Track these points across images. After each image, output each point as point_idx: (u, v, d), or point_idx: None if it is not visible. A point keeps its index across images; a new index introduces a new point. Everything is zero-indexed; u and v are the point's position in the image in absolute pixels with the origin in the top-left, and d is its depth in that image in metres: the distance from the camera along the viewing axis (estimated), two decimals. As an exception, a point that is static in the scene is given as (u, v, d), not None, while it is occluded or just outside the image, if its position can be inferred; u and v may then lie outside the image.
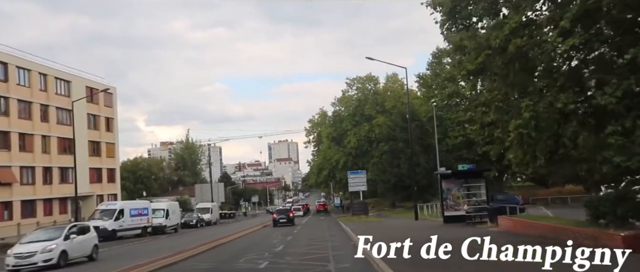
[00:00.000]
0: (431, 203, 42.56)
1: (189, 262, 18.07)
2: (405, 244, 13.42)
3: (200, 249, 22.05)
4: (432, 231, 21.17)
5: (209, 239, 28.68)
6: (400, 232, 22.22)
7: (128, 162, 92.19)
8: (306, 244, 22.60)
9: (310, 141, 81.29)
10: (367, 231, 24.17)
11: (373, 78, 70.26)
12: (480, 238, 14.21)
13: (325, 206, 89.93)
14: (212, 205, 56.95)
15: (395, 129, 49.34)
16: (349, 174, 46.95)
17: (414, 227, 25.86)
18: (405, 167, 46.91)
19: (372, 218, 40.46)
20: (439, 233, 16.07)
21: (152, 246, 27.96)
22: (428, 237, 13.54)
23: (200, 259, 18.71)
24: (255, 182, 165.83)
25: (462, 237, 14.10)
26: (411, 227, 26.35)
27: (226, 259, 18.29)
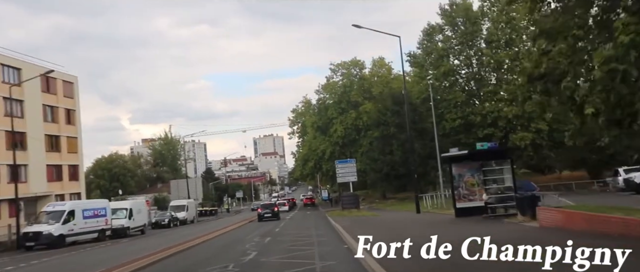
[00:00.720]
0: (430, 193, 37.61)
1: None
2: (421, 248, 8.81)
3: (150, 259, 16.73)
4: (448, 228, 16.16)
5: (173, 243, 23.59)
6: (406, 230, 17.10)
7: (103, 159, 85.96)
8: (286, 249, 17.40)
9: (295, 132, 76.10)
10: (364, 229, 19.06)
11: (358, 62, 65.14)
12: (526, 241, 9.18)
13: (312, 200, 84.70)
14: (188, 202, 51.42)
15: (386, 113, 44.15)
16: (336, 164, 41.82)
17: (422, 223, 20.75)
18: (399, 155, 41.92)
19: (364, 212, 35.35)
20: (461, 231, 11.24)
21: (97, 255, 22.47)
22: (450, 236, 9.93)
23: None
24: (240, 178, 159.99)
25: (505, 238, 9.27)
26: (417, 223, 21.24)
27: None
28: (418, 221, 22.50)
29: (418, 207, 27.52)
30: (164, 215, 45.84)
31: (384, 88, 62.45)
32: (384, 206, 45.72)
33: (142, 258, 16.85)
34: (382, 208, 42.39)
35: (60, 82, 46.33)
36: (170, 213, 46.97)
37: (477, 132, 40.21)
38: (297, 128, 76.14)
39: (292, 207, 76.81)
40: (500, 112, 39.21)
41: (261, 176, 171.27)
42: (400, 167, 41.95)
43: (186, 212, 49.41)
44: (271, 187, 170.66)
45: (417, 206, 27.65)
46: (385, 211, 37.82)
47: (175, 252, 19.16)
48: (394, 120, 42.71)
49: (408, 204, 40.59)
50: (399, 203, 46.30)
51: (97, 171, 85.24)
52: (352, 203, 39.30)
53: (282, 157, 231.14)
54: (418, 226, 18.62)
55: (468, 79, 42.78)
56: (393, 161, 42.16)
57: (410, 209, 32.34)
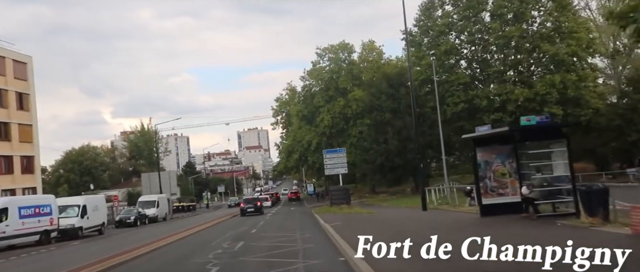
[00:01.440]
0: (431, 187, 32.75)
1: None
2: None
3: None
4: (485, 232, 11.22)
5: (124, 249, 18.62)
6: (421, 234, 12.18)
7: (73, 151, 79.87)
8: (261, 263, 12.45)
9: (278, 122, 70.96)
10: (363, 232, 14.00)
11: (347, 46, 60.04)
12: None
13: (297, 194, 79.76)
14: (159, 197, 46.04)
15: (380, 97, 39.04)
16: (324, 154, 36.80)
17: (439, 225, 15.77)
18: (395, 143, 36.99)
19: (357, 208, 30.37)
20: (509, 238, 6.74)
21: (12, 268, 17.25)
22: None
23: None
24: (223, 172, 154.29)
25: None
26: (433, 224, 16.17)
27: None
28: (431, 221, 17.52)
29: (425, 203, 22.53)
30: (130, 212, 40.46)
31: (375, 73, 57.70)
32: (377, 201, 40.87)
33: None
34: (376, 204, 37.55)
35: (11, 62, 40.55)
36: (138, 210, 41.59)
37: (482, 118, 35.49)
38: (281, 118, 71.06)
39: (276, 202, 71.81)
40: (510, 95, 34.48)
41: (244, 170, 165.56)
42: (396, 158, 37.09)
43: (157, 209, 44.09)
44: (255, 181, 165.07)
45: (424, 202, 22.64)
46: (381, 207, 32.96)
47: (119, 262, 14.09)
48: (390, 105, 37.75)
49: (406, 199, 35.84)
50: (394, 198, 41.56)
51: (67, 164, 79.27)
52: (342, 198, 34.29)
53: (267, 151, 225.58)
54: (436, 229, 13.70)
55: (472, 59, 37.74)
56: (388, 150, 37.20)
57: (412, 205, 27.59)
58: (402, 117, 37.40)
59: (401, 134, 37.42)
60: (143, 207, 43.64)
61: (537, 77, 36.02)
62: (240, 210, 41.44)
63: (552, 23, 35.15)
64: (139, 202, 45.56)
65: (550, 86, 33.21)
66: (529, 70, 36.76)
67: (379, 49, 59.42)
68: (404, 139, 37.29)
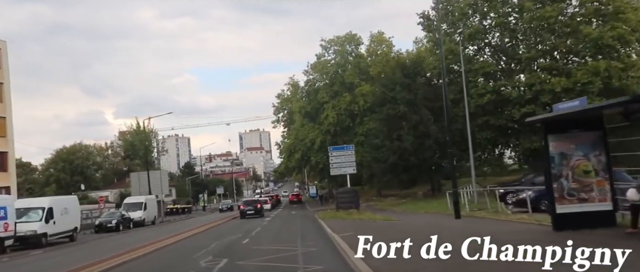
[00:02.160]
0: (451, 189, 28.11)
1: None
2: None
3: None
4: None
5: (74, 266, 14.29)
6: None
7: (64, 149, 75.42)
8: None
9: (280, 120, 66.34)
10: (390, 248, 9.35)
11: (354, 37, 55.50)
12: None
13: (299, 197, 75.11)
14: (147, 199, 41.46)
15: (394, 88, 34.37)
16: (330, 151, 32.34)
17: (502, 241, 11.15)
18: (410, 140, 32.34)
19: (368, 214, 25.74)
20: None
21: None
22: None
23: None
24: (223, 173, 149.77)
25: None
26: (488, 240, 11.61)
27: None
28: (479, 235, 12.85)
29: (457, 209, 17.79)
30: (113, 215, 35.88)
31: (384, 68, 53.12)
32: (388, 205, 36.25)
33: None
34: (387, 208, 32.94)
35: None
36: (122, 213, 37.05)
37: (512, 112, 30.90)
38: (283, 116, 66.46)
39: (276, 205, 67.19)
40: (544, 85, 29.78)
41: (244, 172, 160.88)
42: (411, 157, 32.46)
43: (143, 212, 39.51)
44: (256, 183, 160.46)
45: (457, 208, 17.87)
46: (394, 212, 28.35)
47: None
48: (405, 97, 33.10)
49: (421, 204, 31.19)
50: (404, 202, 36.95)
51: (57, 163, 74.86)
52: (350, 201, 29.77)
53: (268, 152, 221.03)
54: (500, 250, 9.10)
55: (498, 45, 32.85)
56: (402, 148, 32.53)
57: (432, 210, 23.10)
58: (418, 111, 32.82)
59: (417, 129, 32.80)
60: (128, 209, 39.11)
61: (574, 64, 31.23)
62: (239, 212, 40.29)
63: (595, 2, 30.37)
64: (124, 204, 41.03)
65: (593, 74, 28.60)
66: (567, 57, 31.98)
67: (388, 41, 54.87)
68: (421, 135, 32.63)
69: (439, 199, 32.86)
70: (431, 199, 35.06)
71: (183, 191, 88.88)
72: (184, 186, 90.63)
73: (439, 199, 32.87)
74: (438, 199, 32.96)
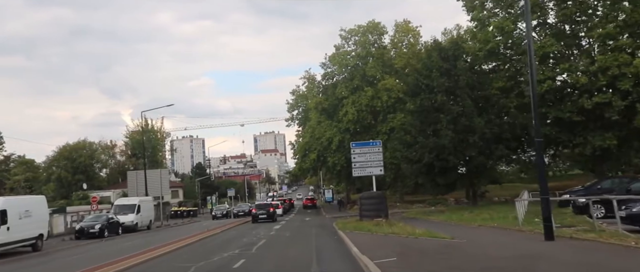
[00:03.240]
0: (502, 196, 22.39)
1: None
2: None
3: None
4: None
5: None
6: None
7: (66, 146, 70.70)
8: None
9: (294, 118, 60.79)
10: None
11: (377, 27, 49.66)
12: None
13: (313, 201, 69.37)
14: (141, 201, 36.14)
15: (430, 74, 28.32)
16: (353, 148, 26.67)
17: None
18: (449, 136, 26.37)
19: (404, 227, 19.86)
20: None
21: None
22: None
23: None
24: (236, 175, 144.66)
25: None
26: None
27: None
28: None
29: (550, 226, 11.66)
30: (98, 219, 30.49)
31: (410, 61, 47.30)
32: (419, 214, 30.28)
33: None
34: (421, 218, 27.01)
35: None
36: (110, 216, 31.70)
37: (579, 101, 24.84)
38: (298, 114, 60.92)
39: (289, 210, 61.59)
40: (624, 68, 23.56)
41: (258, 174, 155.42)
42: (450, 156, 26.51)
43: (136, 215, 34.14)
44: (269, 185, 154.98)
45: (549, 225, 11.71)
46: (434, 223, 22.42)
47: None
48: (444, 84, 27.15)
49: (460, 213, 25.29)
50: (433, 210, 31.12)
51: (59, 161, 70.18)
52: (376, 209, 24.01)
53: (283, 155, 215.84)
54: None
55: (565, 17, 26.23)
56: (439, 145, 26.52)
57: (497, 223, 17.16)
58: (459, 101, 26.95)
59: (458, 123, 26.86)
60: (119, 212, 33.82)
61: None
62: (251, 216, 38.09)
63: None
64: (114, 206, 35.71)
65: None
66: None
67: (415, 30, 48.97)
68: (462, 130, 26.69)
69: (484, 208, 26.92)
70: (472, 207, 29.09)
71: (192, 192, 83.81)
72: (193, 188, 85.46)
73: (484, 208, 26.94)
74: (483, 208, 27.02)
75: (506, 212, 22.93)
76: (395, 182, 49.36)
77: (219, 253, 16.14)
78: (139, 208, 34.83)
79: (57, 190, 66.87)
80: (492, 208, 26.99)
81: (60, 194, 65.29)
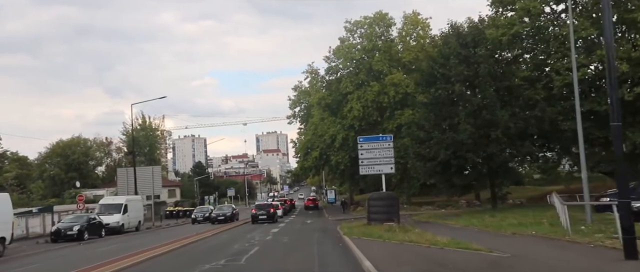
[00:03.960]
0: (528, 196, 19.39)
1: None
2: None
3: None
4: None
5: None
6: None
7: (59, 143, 67.90)
8: None
9: (296, 115, 57.78)
10: None
11: (385, 18, 46.64)
12: None
13: (315, 202, 66.30)
14: (128, 200, 33.15)
15: (446, 63, 25.12)
16: (359, 142, 23.64)
17: None
18: (468, 131, 23.24)
19: (420, 232, 16.85)
20: None
21: None
22: None
23: None
24: (237, 175, 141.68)
25: None
26: None
27: None
28: None
29: (634, 239, 8.64)
30: (78, 220, 27.48)
31: (418, 55, 44.28)
32: (432, 217, 27.18)
33: None
34: (436, 222, 23.94)
35: None
36: (92, 217, 28.71)
37: (618, 92, 21.80)
38: (300, 110, 57.89)
39: (290, 211, 58.59)
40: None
41: (259, 174, 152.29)
42: (469, 153, 23.39)
43: (122, 216, 31.14)
44: (271, 186, 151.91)
45: (632, 238, 8.58)
46: (455, 229, 19.40)
47: None
48: (462, 73, 24.01)
49: (479, 216, 22.22)
50: (444, 212, 28.10)
51: (52, 157, 67.42)
52: (387, 212, 20.96)
53: (285, 155, 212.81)
54: None
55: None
56: (457, 141, 23.30)
57: (539, 232, 14.21)
58: (480, 91, 23.89)
59: (479, 116, 23.82)
60: (104, 212, 30.85)
61: None
62: (251, 217, 36.83)
63: None
64: (99, 205, 32.69)
65: None
66: None
67: (425, 22, 45.89)
68: (483, 125, 23.63)
69: (505, 212, 23.84)
70: (491, 210, 26.01)
71: (190, 192, 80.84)
72: (192, 187, 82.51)
73: (506, 212, 23.86)
74: (504, 212, 23.94)
75: (535, 217, 19.91)
76: (401, 182, 46.31)
77: (200, 264, 13.16)
78: (125, 208, 31.84)
79: (49, 188, 64.10)
80: (514, 211, 23.93)
81: (52, 192, 62.50)
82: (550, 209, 23.63)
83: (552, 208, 23.53)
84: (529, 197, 37.32)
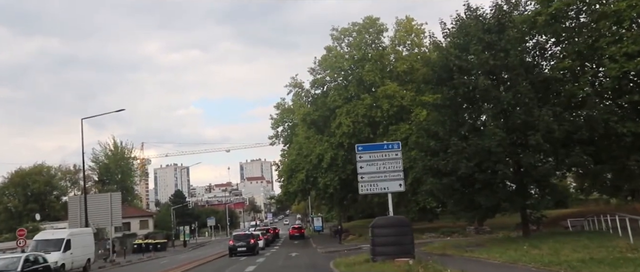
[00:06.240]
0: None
1: None
2: None
3: None
4: None
5: None
6: None
7: (18, 172, 60.73)
8: None
9: (279, 135, 52.16)
10: None
11: (375, 24, 41.55)
12: None
13: (301, 230, 59.83)
14: (70, 234, 26.61)
15: (463, 54, 19.37)
16: (358, 151, 17.90)
17: None
18: (497, 137, 17.45)
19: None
20: None
21: None
22: None
23: None
24: (219, 203, 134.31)
25: None
26: None
27: None
28: None
29: None
30: (13, 262, 20.80)
31: (414, 65, 39.29)
32: (449, 248, 21.28)
33: None
34: (455, 255, 18.10)
35: None
36: (29, 256, 22.16)
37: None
38: (283, 130, 52.33)
39: (273, 241, 52.19)
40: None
41: (241, 202, 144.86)
42: (500, 164, 17.59)
43: (63, 253, 24.64)
44: (255, 214, 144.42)
45: None
46: (502, 268, 13.66)
47: None
48: (487, 63, 18.32)
49: (507, 245, 16.44)
50: (454, 241, 22.34)
51: (10, 188, 60.23)
52: (398, 243, 15.24)
53: (270, 183, 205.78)
54: None
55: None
56: (484, 150, 17.39)
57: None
58: (512, 86, 18.36)
59: (509, 118, 18.34)
60: (39, 249, 24.36)
61: None
62: (228, 249, 33.36)
63: None
64: (33, 241, 26.04)
65: None
66: None
67: (419, 28, 40.88)
68: (516, 128, 18.09)
69: (541, 240, 18.12)
70: (522, 239, 20.24)
71: (166, 222, 73.80)
72: (169, 217, 75.49)
73: (541, 240, 18.14)
74: (539, 240, 18.20)
75: (592, 249, 14.40)
76: (397, 206, 40.48)
77: None
78: (67, 244, 25.37)
79: (5, 222, 56.88)
80: (555, 240, 18.27)
81: (8, 226, 55.32)
82: (602, 236, 18.11)
83: (610, 235, 18.02)
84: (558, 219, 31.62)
